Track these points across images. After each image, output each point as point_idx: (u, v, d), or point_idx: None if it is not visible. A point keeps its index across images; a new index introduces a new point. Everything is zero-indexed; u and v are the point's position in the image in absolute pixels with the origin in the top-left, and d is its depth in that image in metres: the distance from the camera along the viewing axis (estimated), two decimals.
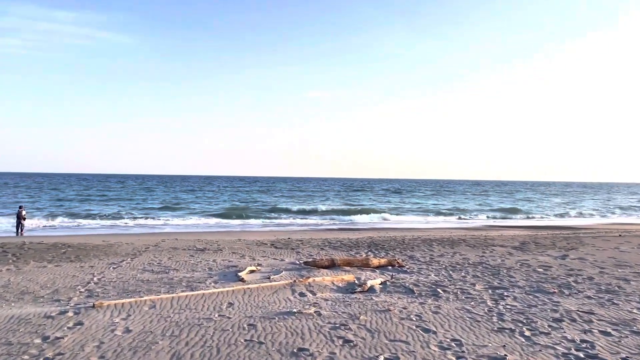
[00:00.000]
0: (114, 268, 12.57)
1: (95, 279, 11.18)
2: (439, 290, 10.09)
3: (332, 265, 12.40)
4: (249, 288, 9.86)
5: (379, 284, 10.52)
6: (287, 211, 47.38)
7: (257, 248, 16.64)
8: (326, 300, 9.17)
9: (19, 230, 28.67)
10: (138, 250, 15.78)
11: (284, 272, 11.78)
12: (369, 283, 10.31)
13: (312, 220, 40.30)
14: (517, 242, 18.90)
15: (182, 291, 9.76)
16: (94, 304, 8.37)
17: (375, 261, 12.75)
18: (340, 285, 10.51)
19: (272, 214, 44.94)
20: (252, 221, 38.64)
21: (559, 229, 30.02)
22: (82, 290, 10.01)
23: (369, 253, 15.66)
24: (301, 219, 40.71)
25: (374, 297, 9.41)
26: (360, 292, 9.86)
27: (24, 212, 29.82)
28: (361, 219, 41.03)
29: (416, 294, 9.74)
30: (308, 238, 21.46)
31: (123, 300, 8.66)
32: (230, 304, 8.75)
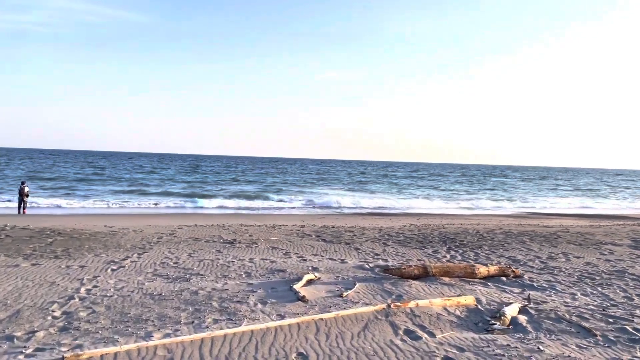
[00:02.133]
0: (112, 270, 8.89)
1: (83, 290, 7.51)
2: (626, 327, 6.24)
3: (424, 275, 8.58)
4: (321, 319, 6.10)
5: (520, 313, 6.70)
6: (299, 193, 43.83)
7: (300, 241, 12.87)
8: (456, 347, 5.38)
9: (21, 208, 25.52)
10: (148, 240, 12.12)
11: (358, 285, 7.99)
12: (507, 312, 6.49)
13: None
14: (625, 239, 14.87)
15: (216, 322, 6.03)
16: (63, 358, 4.66)
17: (483, 270, 8.90)
18: (459, 313, 6.70)
19: (294, 196, 41.36)
20: (280, 203, 35.19)
21: (617, 218, 25.78)
22: (58, 314, 6.34)
23: (451, 252, 11.81)
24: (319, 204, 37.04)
25: (532, 342, 5.60)
26: (500, 330, 6.06)
27: (26, 189, 26.69)
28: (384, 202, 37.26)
29: (600, 337, 5.89)
30: (351, 226, 17.70)
31: (117, 349, 4.94)
32: (302, 357, 5.01)
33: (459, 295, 7.37)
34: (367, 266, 9.66)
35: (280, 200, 37.09)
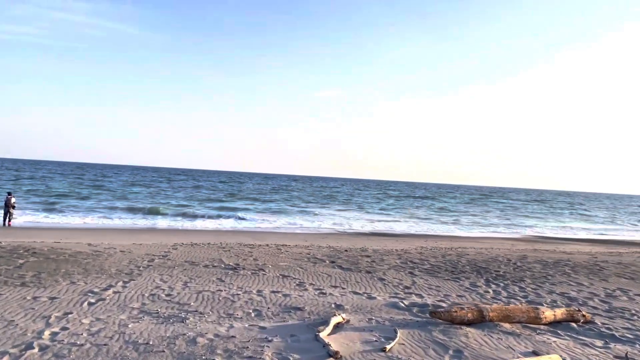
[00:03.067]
0: (90, 305, 7.14)
1: (47, 333, 5.76)
2: None
3: (479, 320, 6.87)
4: None
5: None
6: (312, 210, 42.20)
7: (313, 268, 11.14)
8: None
9: (6, 220, 23.63)
10: (137, 264, 10.36)
11: (400, 333, 6.27)
12: None
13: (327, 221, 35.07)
14: None
15: None
16: None
17: (549, 314, 7.19)
18: None
19: (300, 214, 39.71)
20: (281, 221, 33.53)
21: (629, 244, 24.14)
22: None
23: (491, 285, 10.11)
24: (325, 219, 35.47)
25: None
26: None
27: (12, 200, 24.97)
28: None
29: None
30: (360, 248, 16.00)
31: None
32: None
33: (537, 354, 5.66)
34: (401, 304, 7.93)
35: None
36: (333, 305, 7.67)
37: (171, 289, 8.26)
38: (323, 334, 5.99)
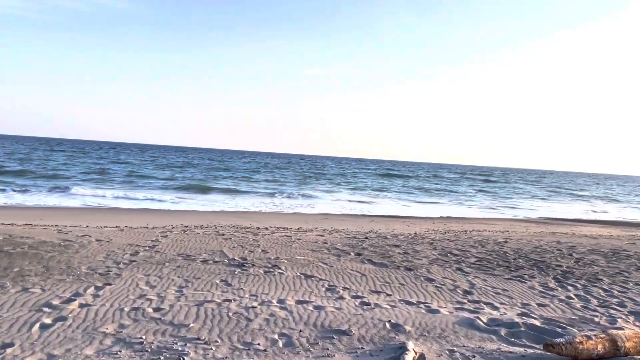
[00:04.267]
0: (42, 328, 4.89)
1: None
2: None
3: (613, 353, 4.76)
4: None
5: None
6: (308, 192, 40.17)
7: (338, 263, 8.94)
8: None
9: None
10: (116, 259, 8.07)
11: None
12: None
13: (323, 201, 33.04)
14: None
15: None
16: None
17: None
18: None
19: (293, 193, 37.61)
20: (277, 200, 31.32)
21: None
22: None
23: (568, 287, 8.01)
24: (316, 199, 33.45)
25: None
26: None
27: None
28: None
29: None
30: (376, 232, 13.91)
31: None
32: None
33: None
34: (479, 322, 5.77)
35: (274, 195, 33.24)
36: (387, 325, 5.50)
37: (161, 299, 6.02)
38: None
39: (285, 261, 8.66)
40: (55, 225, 13.70)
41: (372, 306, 6.21)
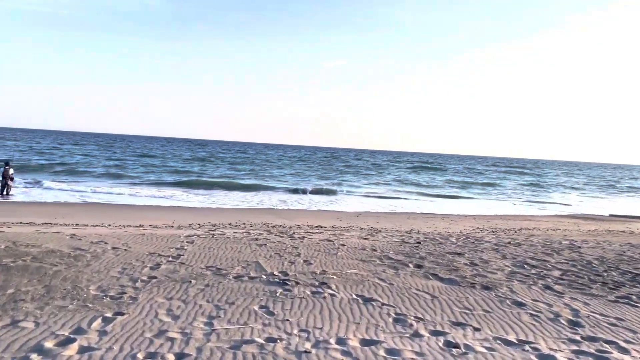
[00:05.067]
0: None
1: None
2: None
3: None
4: None
5: None
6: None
7: (398, 278, 7.36)
8: None
9: (3, 192, 21.99)
10: (132, 275, 6.69)
11: None
12: None
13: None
14: None
15: None
16: None
17: None
18: None
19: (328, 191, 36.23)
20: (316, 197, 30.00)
21: None
22: None
23: None
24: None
25: None
26: None
27: (11, 171, 21.83)
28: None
29: None
30: (424, 229, 12.33)
31: None
32: None
33: None
34: None
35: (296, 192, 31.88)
36: None
37: (186, 338, 4.58)
38: None
39: (334, 277, 7.15)
40: (75, 225, 12.55)
41: (463, 350, 4.64)
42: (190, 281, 6.50)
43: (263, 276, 6.94)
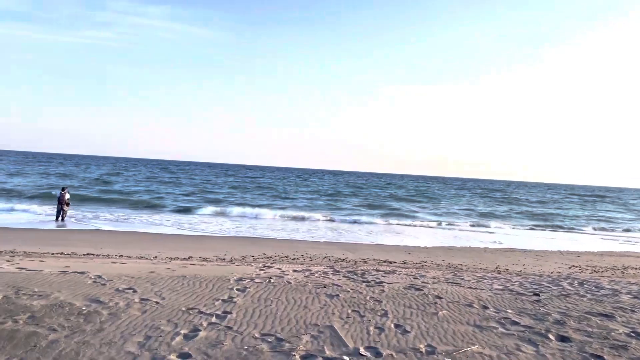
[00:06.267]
0: None
1: None
2: None
3: None
4: None
5: None
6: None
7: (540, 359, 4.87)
8: None
9: (59, 217, 21.70)
10: (157, 349, 4.59)
11: None
12: None
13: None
14: None
15: None
16: None
17: None
18: None
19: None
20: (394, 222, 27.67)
21: None
22: None
23: None
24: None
25: None
26: None
27: (67, 196, 21.08)
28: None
29: None
30: (512, 268, 9.74)
31: None
32: None
33: None
34: None
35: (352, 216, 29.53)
36: None
37: None
38: None
39: (449, 359, 4.75)
40: (118, 256, 10.86)
41: None
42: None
43: (345, 357, 4.65)
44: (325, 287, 7.74)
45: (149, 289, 6.83)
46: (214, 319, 5.59)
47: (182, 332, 5.08)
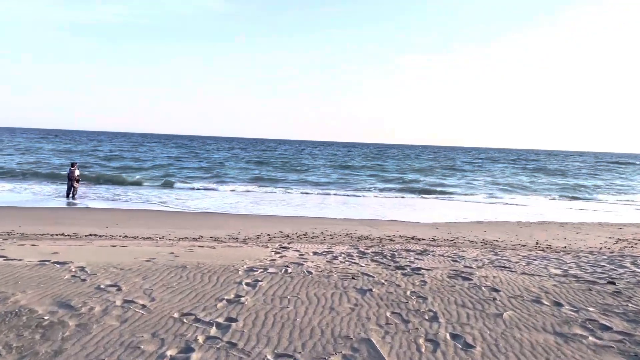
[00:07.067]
0: None
1: None
2: None
3: None
4: None
5: None
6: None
7: None
8: None
9: (70, 194, 20.76)
10: None
11: None
12: None
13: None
14: None
15: None
16: None
17: None
18: None
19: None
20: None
21: None
22: None
23: None
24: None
25: None
26: None
27: (77, 172, 20.05)
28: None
29: None
30: (560, 245, 8.25)
31: None
32: None
33: None
34: None
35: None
36: None
37: None
38: None
39: None
40: (122, 236, 9.61)
41: None
42: None
43: None
44: (353, 278, 6.36)
45: (138, 286, 5.52)
46: (213, 331, 4.24)
47: (168, 353, 3.74)
